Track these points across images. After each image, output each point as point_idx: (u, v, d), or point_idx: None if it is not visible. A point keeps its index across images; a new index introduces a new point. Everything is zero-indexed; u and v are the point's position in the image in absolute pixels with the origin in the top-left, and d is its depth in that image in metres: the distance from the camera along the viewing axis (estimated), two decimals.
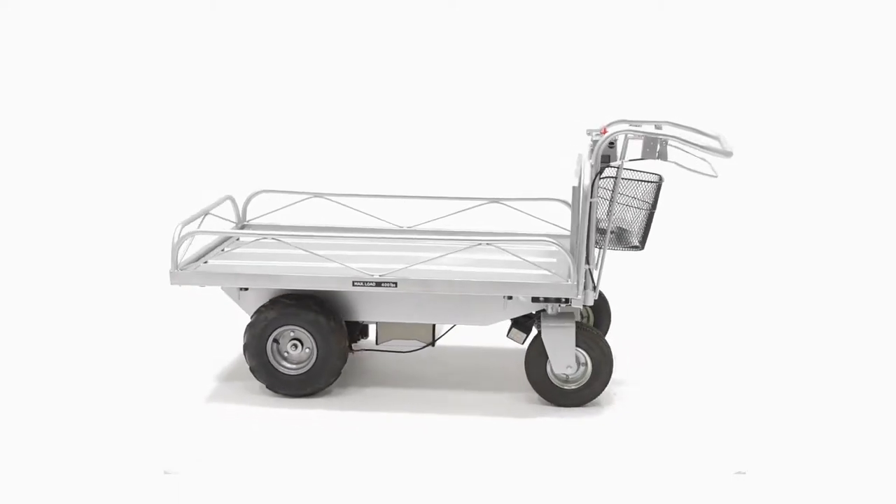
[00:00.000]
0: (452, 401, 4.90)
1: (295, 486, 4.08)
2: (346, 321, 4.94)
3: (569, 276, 4.64)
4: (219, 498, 3.99)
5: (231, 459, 4.31)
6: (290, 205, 5.62)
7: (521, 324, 4.91)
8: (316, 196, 5.59)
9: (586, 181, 4.52)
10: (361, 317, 4.89)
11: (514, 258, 5.05)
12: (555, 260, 5.11)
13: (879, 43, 9.40)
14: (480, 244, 4.85)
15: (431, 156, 8.88)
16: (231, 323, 5.97)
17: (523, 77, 9.44)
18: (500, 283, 4.66)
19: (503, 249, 4.83)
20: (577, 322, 4.76)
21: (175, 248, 4.75)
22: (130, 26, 9.52)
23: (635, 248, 4.83)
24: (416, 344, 5.51)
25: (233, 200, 5.54)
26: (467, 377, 5.20)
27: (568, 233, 5.43)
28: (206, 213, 5.19)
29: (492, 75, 9.33)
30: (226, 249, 5.27)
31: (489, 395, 4.96)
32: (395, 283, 4.67)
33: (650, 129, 4.65)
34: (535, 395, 4.92)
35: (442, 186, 7.79)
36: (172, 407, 4.84)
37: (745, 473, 4.19)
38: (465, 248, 4.89)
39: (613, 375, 5.17)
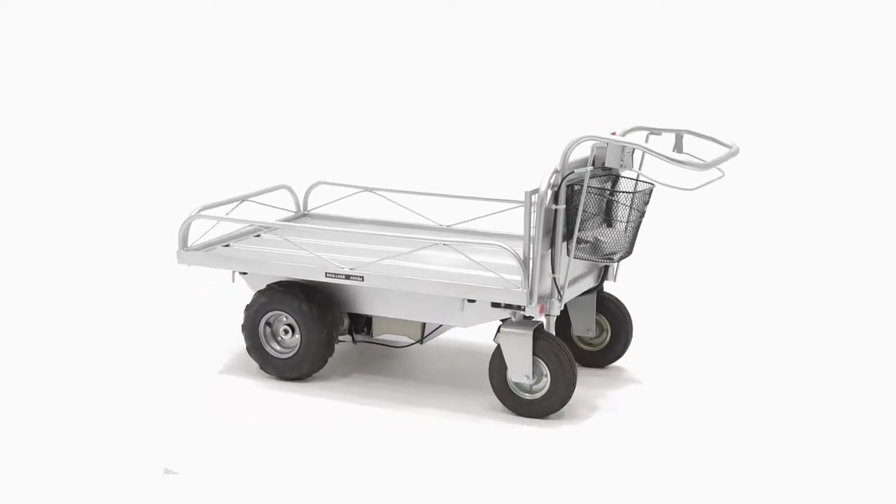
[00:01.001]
0: (456, 399, 4.90)
1: (295, 486, 4.06)
2: (350, 313, 5.06)
3: (521, 284, 4.52)
4: (219, 498, 3.96)
5: (231, 459, 4.30)
6: (343, 197, 5.82)
7: None
8: (366, 190, 5.78)
9: (543, 187, 4.42)
10: (355, 309, 4.99)
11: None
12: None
13: (878, 44, 9.44)
14: (437, 244, 4.84)
15: (484, 156, 9.14)
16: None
17: (560, 78, 9.69)
18: (455, 285, 4.62)
19: (476, 250, 4.77)
20: (538, 331, 4.59)
21: (183, 229, 5.04)
22: (188, 19, 9.84)
23: (609, 259, 4.68)
24: (407, 340, 5.49)
25: (290, 190, 5.79)
26: (470, 376, 5.18)
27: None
28: (243, 199, 5.45)
29: (535, 77, 9.65)
30: (262, 235, 5.47)
31: (490, 395, 4.95)
32: (362, 277, 4.75)
33: (655, 136, 4.68)
34: None
35: (490, 187, 7.78)
36: (172, 406, 4.83)
37: (742, 473, 4.17)
38: (421, 248, 5.00)
39: (613, 373, 5.18)
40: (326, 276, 4.81)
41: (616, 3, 9.85)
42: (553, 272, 4.55)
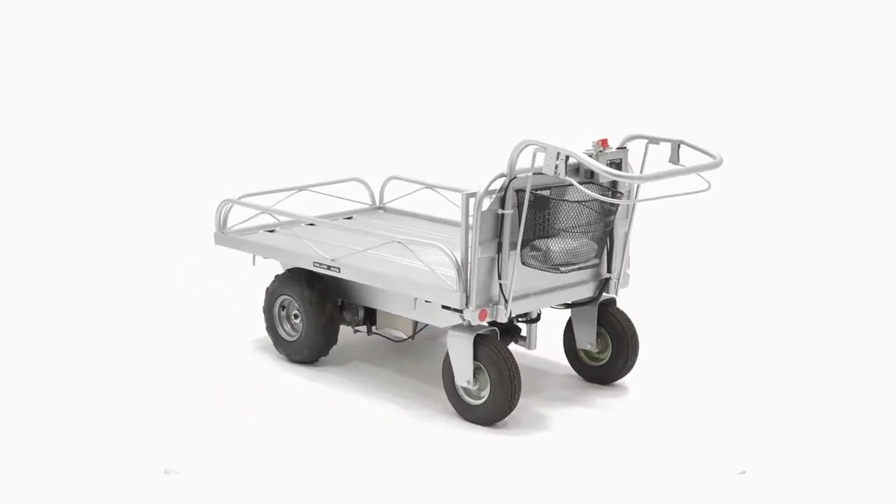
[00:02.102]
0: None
1: (295, 487, 4.08)
2: (365, 306, 5.18)
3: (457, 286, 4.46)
4: (220, 498, 3.98)
5: (231, 459, 4.30)
6: (410, 193, 5.98)
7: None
8: (427, 187, 5.90)
9: (482, 190, 4.33)
10: (353, 300, 5.18)
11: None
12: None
13: (872, 49, 9.41)
14: (392, 242, 4.87)
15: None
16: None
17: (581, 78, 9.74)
18: (399, 281, 4.67)
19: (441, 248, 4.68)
20: (480, 337, 4.49)
21: (219, 212, 5.41)
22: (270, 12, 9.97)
23: (556, 270, 4.48)
24: (400, 335, 5.54)
25: (364, 183, 6.04)
26: None
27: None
28: (301, 188, 5.79)
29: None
30: (313, 225, 5.64)
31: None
32: (339, 269, 4.92)
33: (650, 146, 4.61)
34: (529, 398, 4.94)
35: None
36: (172, 405, 4.83)
37: (745, 473, 4.19)
38: (379, 245, 5.08)
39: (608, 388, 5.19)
40: (314, 266, 5.01)
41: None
42: (500, 278, 4.48)
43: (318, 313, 5.10)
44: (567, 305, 4.91)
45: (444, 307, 4.53)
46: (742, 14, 9.78)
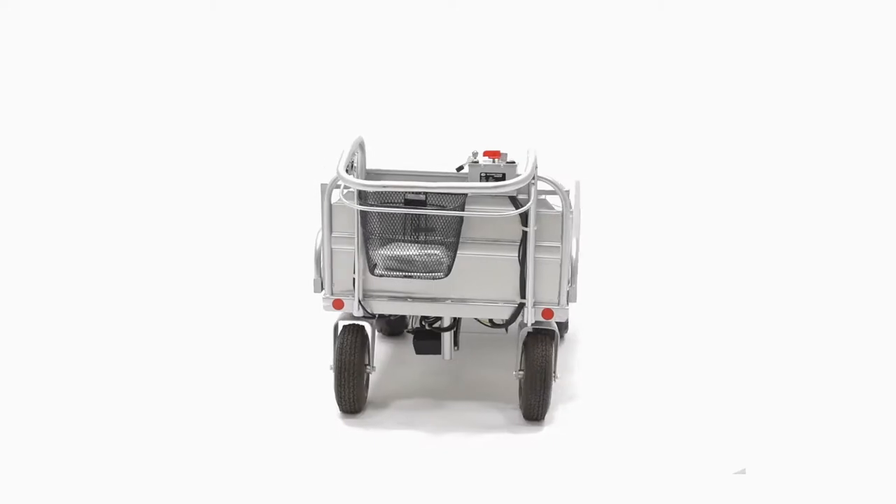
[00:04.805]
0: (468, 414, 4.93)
1: (296, 488, 4.09)
2: None
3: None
4: (221, 498, 3.99)
5: (231, 459, 4.32)
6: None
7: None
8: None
9: (329, 183, 4.37)
10: None
11: None
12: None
13: (867, 49, 9.42)
14: None
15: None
16: None
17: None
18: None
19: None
20: (345, 324, 4.67)
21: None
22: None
23: (381, 275, 4.50)
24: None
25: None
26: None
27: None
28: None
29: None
30: None
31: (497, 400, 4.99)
32: None
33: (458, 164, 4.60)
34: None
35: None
36: (173, 405, 4.85)
37: (744, 472, 4.20)
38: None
39: (613, 373, 5.20)
40: None
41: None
42: (353, 272, 4.54)
43: None
44: (492, 325, 4.77)
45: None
46: (740, 14, 9.79)
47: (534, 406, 4.60)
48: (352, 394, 4.64)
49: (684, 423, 4.67)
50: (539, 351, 4.54)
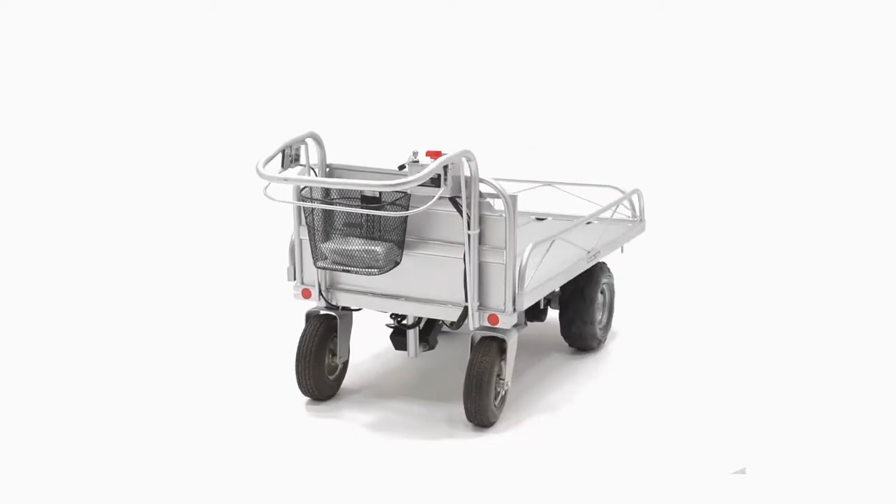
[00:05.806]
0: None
1: (296, 489, 4.09)
2: None
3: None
4: (222, 498, 3.99)
5: (231, 459, 4.31)
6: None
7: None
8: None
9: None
10: None
11: None
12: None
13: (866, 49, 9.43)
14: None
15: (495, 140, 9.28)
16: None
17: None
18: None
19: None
20: (312, 312, 4.81)
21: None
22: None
23: (322, 268, 4.54)
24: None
25: (620, 191, 5.94)
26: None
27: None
28: (548, 183, 5.83)
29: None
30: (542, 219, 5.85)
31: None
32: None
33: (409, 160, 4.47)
34: (528, 397, 4.94)
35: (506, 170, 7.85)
36: (173, 404, 4.85)
37: (744, 472, 4.19)
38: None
39: (613, 372, 5.19)
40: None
41: None
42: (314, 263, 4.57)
43: None
44: (450, 326, 4.69)
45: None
46: (740, 14, 9.80)
47: (471, 411, 4.55)
48: (310, 381, 4.77)
49: (684, 423, 4.67)
50: (478, 357, 4.52)
